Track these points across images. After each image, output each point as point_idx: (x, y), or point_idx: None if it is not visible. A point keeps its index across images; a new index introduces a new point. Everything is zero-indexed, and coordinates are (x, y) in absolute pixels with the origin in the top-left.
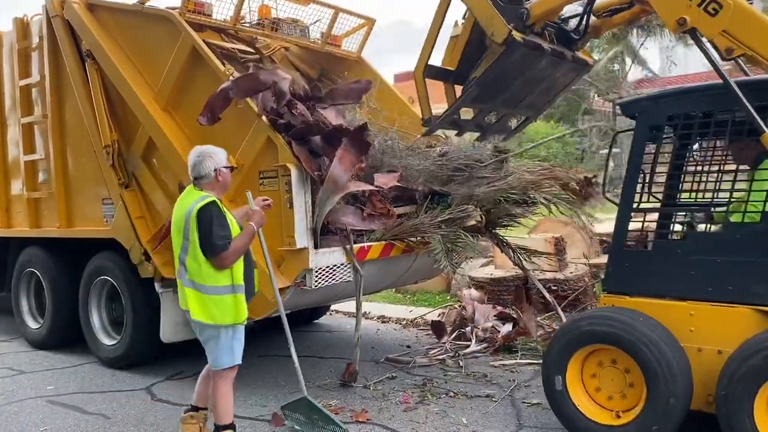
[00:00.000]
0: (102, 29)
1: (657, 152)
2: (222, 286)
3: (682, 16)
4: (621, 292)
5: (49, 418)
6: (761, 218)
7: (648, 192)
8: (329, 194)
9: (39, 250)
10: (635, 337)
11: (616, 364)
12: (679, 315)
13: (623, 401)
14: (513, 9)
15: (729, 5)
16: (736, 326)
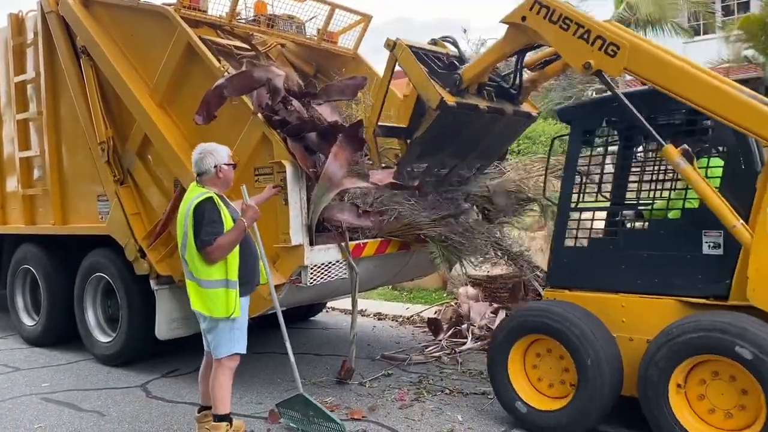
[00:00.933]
0: (97, 25)
1: (590, 155)
2: (215, 280)
3: (587, 60)
4: (562, 287)
5: (44, 415)
6: (681, 215)
7: (583, 192)
8: (324, 191)
9: (34, 247)
10: (566, 328)
11: (552, 354)
12: (612, 307)
13: (561, 388)
14: (448, 75)
15: (625, 46)
16: (662, 316)
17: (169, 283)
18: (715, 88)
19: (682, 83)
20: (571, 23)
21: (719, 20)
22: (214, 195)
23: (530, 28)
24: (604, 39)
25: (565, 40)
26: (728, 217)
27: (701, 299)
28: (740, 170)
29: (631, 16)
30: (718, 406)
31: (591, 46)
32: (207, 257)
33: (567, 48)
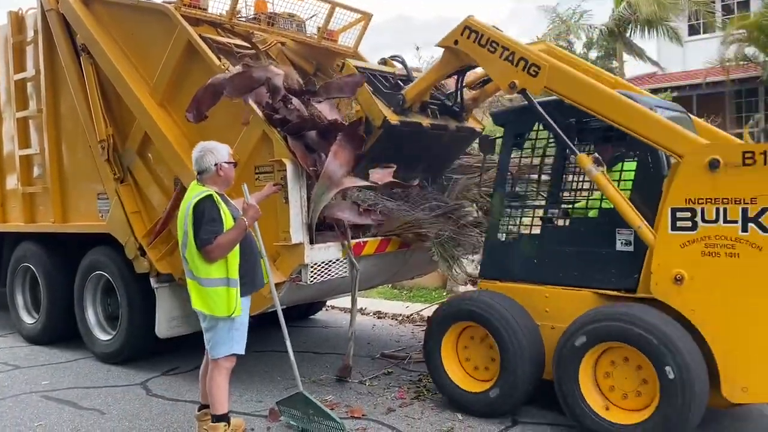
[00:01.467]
0: (97, 23)
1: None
2: (215, 279)
3: (512, 80)
4: (493, 278)
5: (44, 413)
6: (599, 214)
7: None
8: (324, 190)
9: (34, 245)
10: (491, 316)
11: (480, 340)
12: (536, 298)
13: (488, 372)
14: (392, 95)
15: (545, 66)
16: (580, 307)
17: (169, 282)
18: (625, 105)
19: (597, 100)
20: (498, 46)
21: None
22: (213, 193)
23: (462, 51)
24: (527, 60)
25: (492, 61)
26: (633, 218)
27: (614, 292)
28: (650, 174)
29: (631, 15)
30: (622, 388)
31: (516, 67)
32: (207, 256)
33: (494, 69)
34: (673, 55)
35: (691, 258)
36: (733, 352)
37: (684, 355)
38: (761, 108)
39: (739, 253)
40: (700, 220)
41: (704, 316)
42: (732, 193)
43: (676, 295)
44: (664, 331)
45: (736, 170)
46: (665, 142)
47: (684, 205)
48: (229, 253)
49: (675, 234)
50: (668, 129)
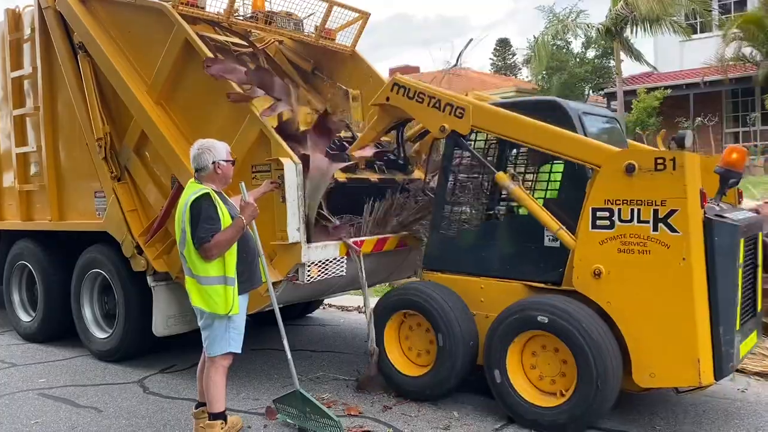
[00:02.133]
0: (94, 21)
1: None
2: (213, 277)
3: (442, 124)
4: (435, 269)
5: (40, 411)
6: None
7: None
8: (318, 181)
9: (31, 243)
10: (428, 304)
11: (420, 327)
12: (473, 288)
13: (426, 357)
14: (339, 155)
15: (469, 107)
16: (512, 297)
17: (166, 280)
18: (545, 130)
19: (518, 130)
20: (425, 96)
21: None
22: (211, 191)
23: (395, 106)
24: (452, 104)
25: (422, 110)
26: (551, 224)
27: (541, 284)
28: (575, 175)
29: (629, 14)
30: (547, 374)
31: (443, 112)
32: (204, 254)
33: (424, 117)
34: (670, 54)
35: (609, 254)
36: (642, 340)
37: (600, 345)
38: (758, 107)
39: (650, 250)
40: (617, 220)
41: (618, 308)
42: (645, 195)
43: (595, 288)
44: (579, 320)
45: (649, 174)
46: (584, 157)
47: (603, 206)
48: (226, 252)
49: (595, 232)
50: (584, 144)
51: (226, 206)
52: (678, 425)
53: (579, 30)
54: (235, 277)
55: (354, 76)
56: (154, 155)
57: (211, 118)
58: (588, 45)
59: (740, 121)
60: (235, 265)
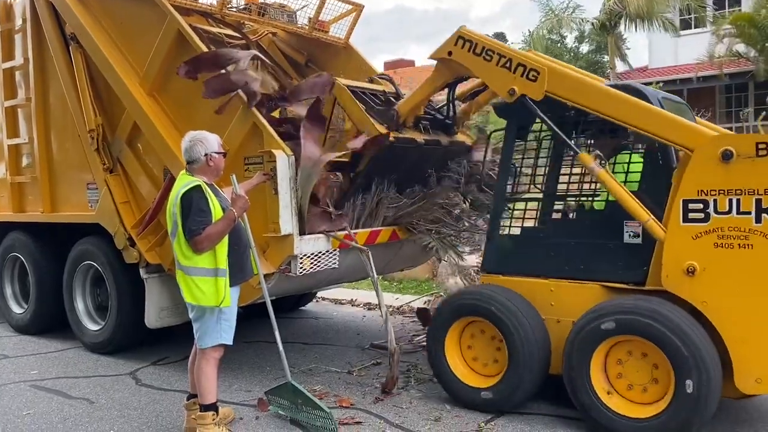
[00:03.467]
0: (86, 11)
1: (524, 149)
2: (203, 269)
3: (511, 87)
4: (496, 272)
5: (32, 402)
6: (605, 206)
7: (517, 183)
8: (309, 171)
9: (23, 235)
10: (498, 310)
11: (485, 335)
12: (541, 291)
13: (494, 366)
14: (385, 111)
15: (544, 71)
16: (586, 300)
17: (159, 272)
18: (631, 104)
19: (601, 101)
20: (494, 54)
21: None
22: (202, 183)
23: (456, 62)
24: (525, 66)
25: (489, 70)
26: (640, 213)
27: (621, 284)
28: (658, 166)
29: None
30: (635, 382)
31: (513, 73)
32: (195, 246)
33: (492, 77)
34: (664, 49)
35: (704, 250)
36: (746, 343)
37: (701, 352)
38: (751, 103)
39: (753, 244)
40: (712, 212)
41: (716, 308)
42: (745, 184)
43: (688, 287)
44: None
45: (750, 161)
46: (674, 138)
47: (696, 197)
48: (217, 244)
49: (687, 226)
50: (676, 124)
51: (218, 198)
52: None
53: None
54: (226, 269)
55: (348, 69)
56: (147, 147)
57: (204, 109)
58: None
59: (733, 117)
60: (227, 257)
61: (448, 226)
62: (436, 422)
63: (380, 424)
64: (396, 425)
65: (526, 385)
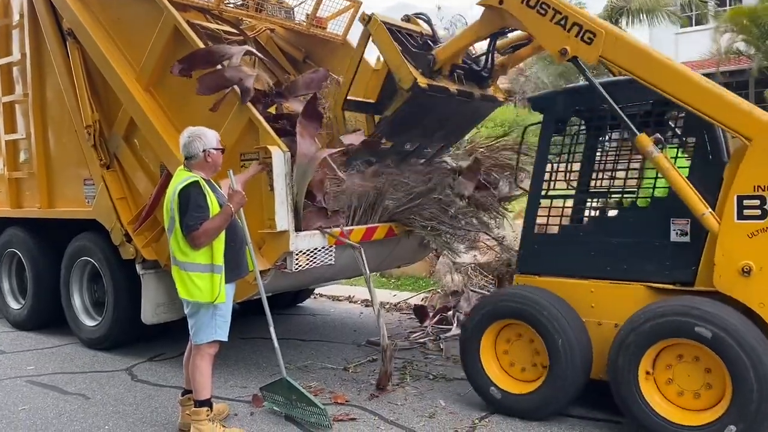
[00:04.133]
0: (83, 7)
1: (563, 144)
2: (199, 264)
3: (563, 47)
4: (532, 273)
5: (28, 397)
6: (650, 203)
7: (554, 180)
8: (305, 168)
9: (20, 231)
10: (538, 312)
11: (523, 338)
12: (581, 292)
13: (532, 371)
14: (422, 55)
15: (601, 33)
16: (630, 301)
17: (155, 268)
18: (690, 80)
19: (658, 73)
20: (549, 8)
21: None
22: (200, 179)
23: (507, 12)
24: (580, 26)
25: (542, 25)
26: (698, 205)
27: (668, 285)
28: (708, 161)
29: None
30: (686, 387)
31: (567, 32)
32: (193, 242)
33: (543, 33)
34: (665, 46)
35: (761, 249)
36: None
37: (759, 355)
38: (751, 100)
39: None
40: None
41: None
42: None
43: (743, 288)
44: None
45: None
46: (732, 123)
47: (752, 193)
48: (214, 240)
49: (742, 223)
50: (736, 108)
51: (215, 194)
52: None
53: None
54: (222, 265)
55: (345, 65)
56: (143, 143)
57: (200, 105)
58: None
59: None
60: (223, 254)
61: (444, 224)
62: (430, 419)
63: (375, 420)
64: (390, 422)
65: (568, 390)
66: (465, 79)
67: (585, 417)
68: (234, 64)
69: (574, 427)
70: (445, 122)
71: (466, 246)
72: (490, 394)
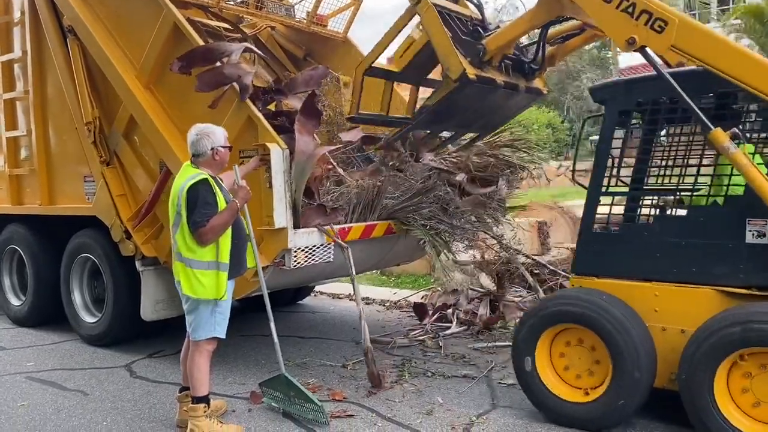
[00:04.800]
0: (83, 4)
1: (626, 137)
2: (205, 261)
3: (631, 36)
4: (590, 274)
5: (27, 393)
6: (724, 202)
7: (616, 176)
8: (303, 165)
9: (21, 227)
10: (601, 316)
11: (583, 343)
12: (644, 295)
13: (590, 379)
14: (471, 44)
15: (674, 21)
16: (699, 306)
17: (155, 265)
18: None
19: (737, 64)
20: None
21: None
22: (209, 177)
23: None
24: (650, 13)
25: (607, 13)
26: None
27: (743, 289)
28: None
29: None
30: (765, 399)
31: (636, 20)
32: (200, 238)
33: (609, 22)
34: None
35: None
36: None
37: None
38: None
39: None
40: None
41: None
42: None
43: None
44: None
45: None
46: None
47: None
48: (221, 237)
49: None
50: None
51: (222, 192)
52: None
53: None
54: (228, 263)
55: (346, 63)
56: (143, 140)
57: (200, 102)
58: None
59: None
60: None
61: (443, 222)
62: (428, 416)
63: (372, 417)
64: (388, 418)
65: (633, 400)
66: (512, 69)
67: None
68: (233, 61)
69: (573, 426)
70: (487, 113)
71: (465, 245)
72: (544, 401)
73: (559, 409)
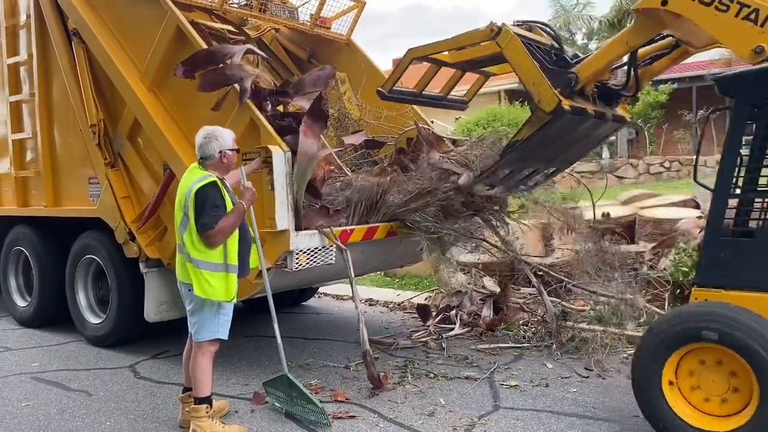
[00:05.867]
0: (88, 7)
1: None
2: (214, 263)
3: (758, 45)
4: (716, 285)
5: (31, 394)
6: None
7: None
8: (305, 167)
9: (27, 229)
10: (747, 335)
11: (721, 366)
12: None
13: (724, 406)
14: (561, 73)
15: None
16: None
17: (158, 266)
18: None
19: None
20: (732, 3)
21: None
22: (217, 179)
23: (671, 14)
24: None
25: (723, 23)
26: None
27: None
28: None
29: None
30: None
31: (761, 27)
32: (208, 241)
33: (728, 32)
34: None
35: None
36: None
37: None
38: None
39: None
40: None
41: None
42: None
43: None
44: None
45: None
46: None
47: None
48: (228, 239)
49: None
50: None
51: (229, 194)
52: None
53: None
54: (237, 265)
55: (349, 65)
56: (147, 142)
57: (203, 105)
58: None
59: None
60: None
61: (447, 224)
62: (430, 417)
63: (374, 418)
64: (390, 420)
65: None
66: (597, 97)
67: (584, 416)
68: (235, 63)
69: (573, 425)
70: (573, 145)
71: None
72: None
73: None
